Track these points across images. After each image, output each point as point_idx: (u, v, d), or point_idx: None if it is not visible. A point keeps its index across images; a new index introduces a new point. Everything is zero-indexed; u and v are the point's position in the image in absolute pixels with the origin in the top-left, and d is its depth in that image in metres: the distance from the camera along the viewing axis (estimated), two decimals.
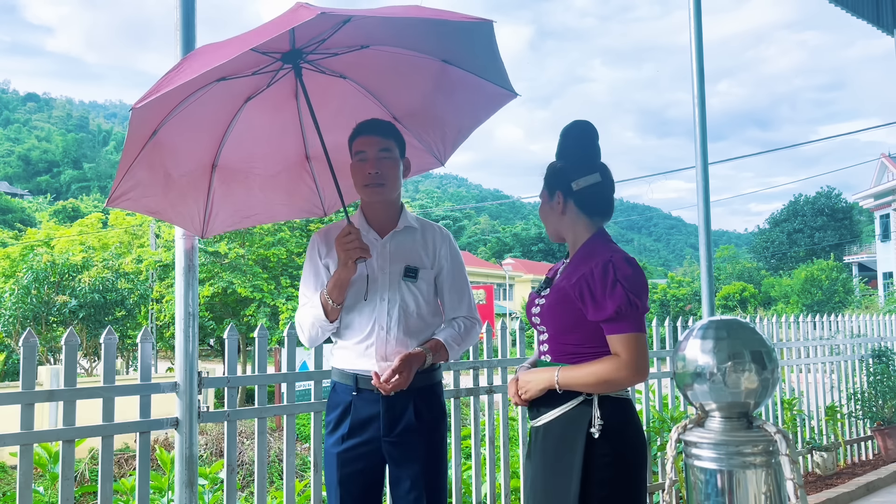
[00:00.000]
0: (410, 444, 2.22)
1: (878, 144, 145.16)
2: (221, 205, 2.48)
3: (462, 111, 2.53)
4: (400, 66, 2.34)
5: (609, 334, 1.91)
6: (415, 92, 2.46)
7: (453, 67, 2.32)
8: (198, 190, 2.41)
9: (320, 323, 2.26)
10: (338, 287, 2.20)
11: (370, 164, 2.24)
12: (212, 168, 2.42)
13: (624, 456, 1.93)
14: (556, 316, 2.02)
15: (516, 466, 3.77)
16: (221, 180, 2.44)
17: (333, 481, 2.26)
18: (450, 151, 2.64)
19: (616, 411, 1.94)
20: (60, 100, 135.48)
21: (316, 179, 2.61)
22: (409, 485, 2.22)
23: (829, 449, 5.51)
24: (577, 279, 1.96)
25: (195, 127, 2.26)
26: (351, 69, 2.36)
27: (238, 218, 2.60)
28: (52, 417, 7.14)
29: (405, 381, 2.15)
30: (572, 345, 2.00)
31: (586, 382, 1.92)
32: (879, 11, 6.91)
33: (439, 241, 2.38)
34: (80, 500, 6.76)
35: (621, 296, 1.86)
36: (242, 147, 2.43)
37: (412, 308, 2.27)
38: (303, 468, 7.69)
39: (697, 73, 4.51)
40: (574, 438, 1.92)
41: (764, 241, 50.14)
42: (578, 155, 2.08)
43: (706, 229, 4.44)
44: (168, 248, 16.63)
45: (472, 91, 2.41)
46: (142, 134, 2.12)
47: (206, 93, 2.15)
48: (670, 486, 2.04)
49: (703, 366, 1.92)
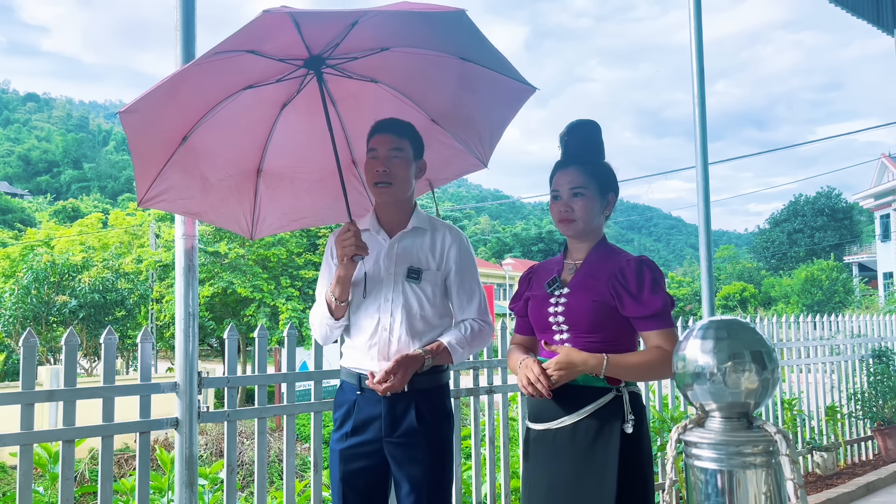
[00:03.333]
0: (412, 445, 2.22)
1: (877, 144, 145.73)
2: (269, 208, 2.59)
3: (490, 109, 2.53)
4: (424, 66, 2.34)
5: (649, 330, 2.02)
6: (443, 91, 2.46)
7: (471, 64, 2.31)
8: (241, 193, 2.52)
9: (327, 320, 2.29)
10: (338, 284, 2.22)
11: (380, 162, 2.25)
12: (257, 173, 2.53)
13: (648, 450, 2.03)
14: (586, 313, 2.05)
15: (516, 466, 3.77)
16: (267, 185, 2.55)
17: (336, 478, 2.27)
18: (489, 152, 2.63)
19: (638, 407, 2.03)
20: (60, 100, 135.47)
21: (364, 182, 2.59)
22: (409, 487, 2.21)
23: (830, 449, 5.51)
24: (608, 276, 2.05)
25: (230, 133, 2.35)
26: (380, 72, 2.38)
27: (286, 221, 2.71)
28: (52, 417, 7.14)
29: (400, 383, 2.15)
30: (598, 342, 2.04)
31: (637, 371, 2.01)
32: (879, 11, 6.90)
33: (448, 242, 2.35)
34: (80, 500, 6.77)
35: (664, 294, 2.01)
36: (285, 153, 2.51)
37: (416, 309, 2.27)
38: (303, 468, 7.70)
39: (697, 73, 4.50)
40: (609, 436, 1.96)
41: (764, 241, 50.15)
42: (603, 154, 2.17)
43: (706, 229, 4.43)
44: (168, 248, 16.65)
45: (495, 87, 2.40)
46: (168, 139, 2.22)
47: (235, 100, 2.25)
48: (670, 486, 2.04)
49: (703, 366, 1.92)
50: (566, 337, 2.08)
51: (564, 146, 2.17)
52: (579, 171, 2.10)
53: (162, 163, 2.24)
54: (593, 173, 2.10)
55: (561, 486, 2.01)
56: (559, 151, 2.20)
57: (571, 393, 2.01)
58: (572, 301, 2.07)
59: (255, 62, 2.06)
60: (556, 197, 2.14)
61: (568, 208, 2.11)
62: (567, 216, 2.11)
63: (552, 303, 2.11)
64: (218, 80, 2.12)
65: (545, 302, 2.13)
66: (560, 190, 2.12)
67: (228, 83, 2.18)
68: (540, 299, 2.15)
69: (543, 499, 2.06)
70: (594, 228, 2.14)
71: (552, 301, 2.11)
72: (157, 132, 2.16)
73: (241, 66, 2.08)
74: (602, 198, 2.12)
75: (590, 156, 2.13)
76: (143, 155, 2.19)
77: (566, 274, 2.16)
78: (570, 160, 2.13)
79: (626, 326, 2.05)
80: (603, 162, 2.15)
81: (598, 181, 2.11)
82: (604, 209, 2.13)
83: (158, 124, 2.13)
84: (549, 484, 2.04)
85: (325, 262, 2.43)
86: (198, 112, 2.21)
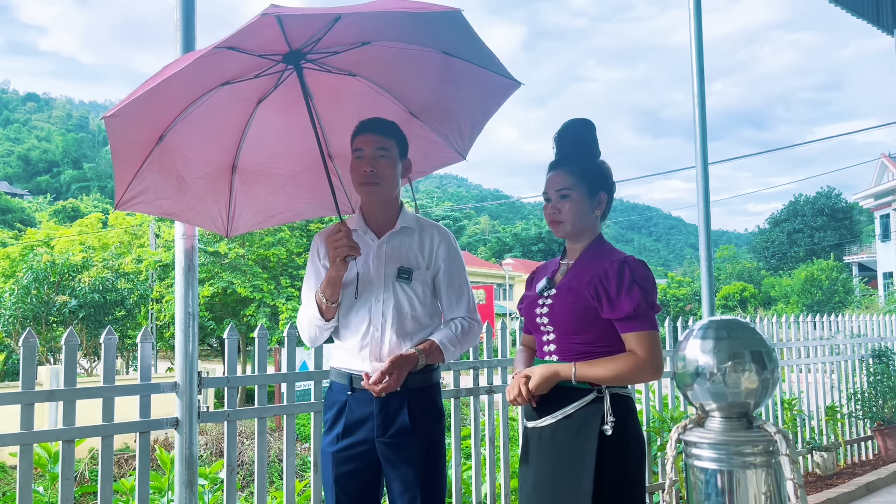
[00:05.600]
0: (404, 445, 2.21)
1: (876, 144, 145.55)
2: (244, 205, 2.55)
3: (472, 103, 2.52)
4: (405, 60, 2.33)
5: (625, 332, 1.97)
6: (424, 85, 2.45)
7: (455, 59, 2.31)
8: (217, 191, 2.48)
9: (316, 322, 2.27)
10: (330, 285, 2.20)
11: (366, 162, 2.24)
12: (232, 170, 2.47)
13: (633, 452, 1.98)
14: (569, 316, 2.03)
15: (516, 466, 3.76)
16: (243, 181, 2.51)
17: (329, 480, 2.26)
18: (468, 145, 2.62)
19: (622, 409, 1.99)
20: (60, 100, 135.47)
21: (340, 177, 2.60)
22: (402, 486, 2.21)
23: (829, 449, 5.51)
24: (590, 278, 2.01)
25: (206, 131, 2.31)
26: (359, 66, 2.37)
27: (262, 217, 2.66)
28: (52, 417, 7.13)
29: (396, 383, 2.15)
30: (582, 344, 2.02)
31: (607, 379, 1.96)
32: (879, 11, 6.90)
33: (437, 241, 2.36)
34: (80, 500, 6.76)
35: (639, 295, 1.94)
36: (261, 149, 2.48)
37: (406, 309, 2.27)
38: (303, 468, 7.70)
39: (697, 73, 4.50)
40: (587, 436, 1.94)
41: (764, 241, 50.14)
42: (597, 153, 2.15)
43: (706, 229, 4.43)
44: (168, 248, 16.64)
45: (478, 82, 2.40)
46: (145, 139, 2.18)
47: (212, 98, 2.21)
48: (670, 486, 2.04)
49: (703, 366, 1.92)
50: (552, 338, 2.09)
51: (556, 147, 2.17)
52: (566, 173, 2.10)
53: (139, 164, 2.21)
54: (581, 174, 2.09)
55: (542, 485, 2.02)
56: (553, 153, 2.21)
57: (555, 393, 2.02)
58: (556, 303, 2.07)
59: (234, 58, 2.03)
60: (547, 199, 2.15)
61: (556, 210, 2.11)
62: (555, 218, 2.12)
63: (539, 304, 2.12)
64: (195, 78, 2.09)
65: (534, 303, 2.14)
66: (549, 192, 2.14)
67: (205, 81, 2.15)
68: (531, 300, 2.17)
69: (529, 496, 2.07)
70: (584, 229, 2.12)
71: (539, 303, 2.12)
72: (134, 133, 2.13)
73: (219, 63, 2.05)
74: (591, 198, 2.10)
75: (581, 156, 2.12)
76: (122, 157, 2.17)
77: (559, 275, 2.16)
78: (558, 162, 2.14)
79: (612, 328, 2.02)
80: (594, 161, 2.13)
81: (586, 181, 2.09)
82: (594, 209, 2.12)
83: (137, 126, 2.10)
84: (533, 481, 2.05)
85: (311, 263, 2.39)
86: (174, 111, 2.18)
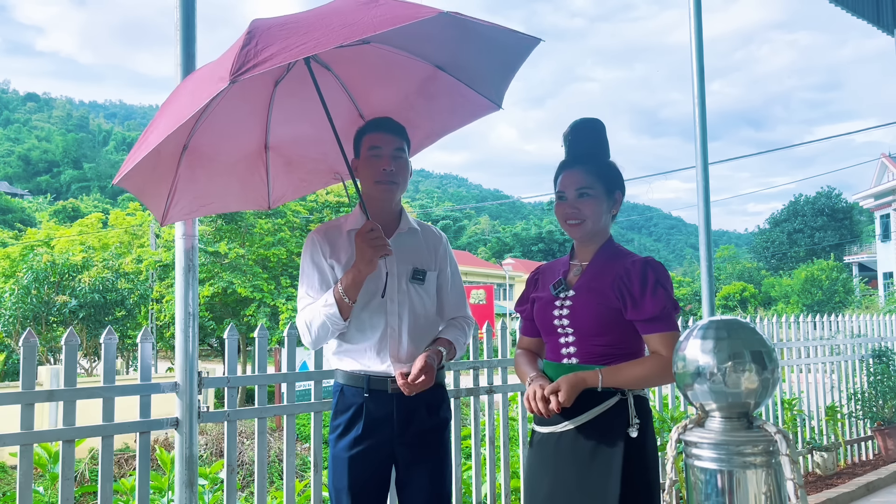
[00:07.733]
0: (424, 444, 2.22)
1: (876, 144, 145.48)
2: (183, 192, 2.34)
3: (435, 117, 2.51)
4: (388, 67, 2.32)
5: (649, 333, 1.98)
6: (393, 92, 2.42)
7: (445, 74, 2.30)
8: (168, 172, 2.28)
9: (333, 322, 2.16)
10: (355, 284, 2.13)
11: (386, 160, 2.21)
12: (182, 149, 2.26)
13: (651, 454, 2.00)
14: (591, 317, 2.01)
15: (516, 466, 3.77)
16: (188, 164, 2.30)
17: (343, 485, 2.19)
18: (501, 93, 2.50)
19: (643, 410, 2.01)
20: (60, 100, 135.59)
21: (269, 171, 2.52)
22: (424, 483, 2.21)
23: (830, 449, 5.51)
24: (613, 279, 2.00)
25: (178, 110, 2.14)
26: (336, 63, 2.34)
27: (196, 206, 2.45)
28: (52, 417, 7.13)
29: (431, 380, 2.15)
30: (603, 346, 2.00)
31: (634, 383, 1.97)
32: (879, 11, 6.89)
33: (439, 242, 2.39)
34: (80, 500, 6.76)
35: (663, 297, 1.95)
36: (213, 130, 2.29)
37: (420, 310, 2.27)
38: (303, 468, 7.70)
39: (698, 72, 4.49)
40: (613, 439, 1.94)
41: (764, 241, 50.17)
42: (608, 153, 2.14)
43: (706, 229, 4.43)
44: (168, 248, 16.63)
45: (454, 98, 2.39)
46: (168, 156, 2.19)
47: (190, 77, 2.18)
48: (670, 486, 2.04)
49: (703, 366, 1.92)
50: (571, 340, 2.04)
51: (568, 146, 2.13)
52: (584, 171, 2.05)
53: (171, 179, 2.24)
54: (599, 172, 2.06)
55: (563, 491, 1.99)
56: (563, 151, 2.15)
57: (579, 397, 1.98)
58: (577, 304, 2.03)
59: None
60: (562, 198, 2.09)
61: (575, 209, 2.06)
62: (575, 217, 2.07)
63: (557, 305, 2.07)
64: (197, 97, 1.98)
65: (550, 305, 2.09)
66: (566, 191, 2.08)
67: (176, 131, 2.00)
68: (545, 302, 2.11)
69: (544, 502, 2.04)
70: (602, 229, 2.10)
71: (557, 304, 2.07)
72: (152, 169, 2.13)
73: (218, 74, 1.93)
74: (609, 197, 2.08)
75: (594, 155, 2.09)
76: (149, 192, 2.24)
77: (572, 276, 2.12)
78: (574, 160, 2.09)
79: (632, 330, 2.00)
80: (608, 160, 2.11)
81: (604, 180, 2.06)
82: (611, 208, 2.10)
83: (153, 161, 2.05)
84: (550, 487, 2.02)
85: (311, 262, 2.29)
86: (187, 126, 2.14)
